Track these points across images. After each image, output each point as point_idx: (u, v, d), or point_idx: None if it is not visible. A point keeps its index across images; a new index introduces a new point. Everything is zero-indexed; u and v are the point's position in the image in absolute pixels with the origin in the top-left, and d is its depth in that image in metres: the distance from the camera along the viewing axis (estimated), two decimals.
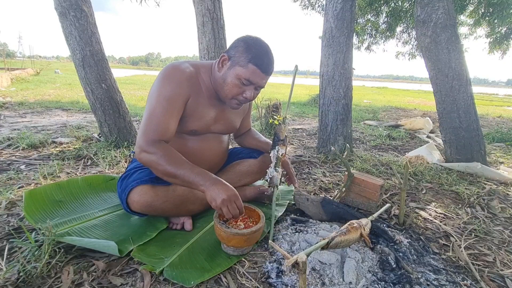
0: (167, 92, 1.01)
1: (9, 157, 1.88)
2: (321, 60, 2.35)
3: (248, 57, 1.02)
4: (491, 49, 6.44)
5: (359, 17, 7.31)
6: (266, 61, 1.03)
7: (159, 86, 1.03)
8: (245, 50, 1.02)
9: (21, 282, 0.83)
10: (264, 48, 1.04)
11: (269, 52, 1.05)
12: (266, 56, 1.03)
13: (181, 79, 1.04)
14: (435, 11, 2.10)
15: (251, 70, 1.02)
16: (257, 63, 1.02)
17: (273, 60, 1.07)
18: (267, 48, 1.05)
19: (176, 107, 1.03)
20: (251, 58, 1.01)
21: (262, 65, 1.03)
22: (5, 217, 1.18)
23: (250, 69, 1.02)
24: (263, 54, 1.03)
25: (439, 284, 0.94)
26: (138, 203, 1.04)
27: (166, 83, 1.03)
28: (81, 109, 4.01)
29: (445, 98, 2.20)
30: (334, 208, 1.28)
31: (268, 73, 1.06)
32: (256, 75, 1.03)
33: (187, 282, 0.86)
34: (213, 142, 1.23)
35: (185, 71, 1.05)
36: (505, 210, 1.56)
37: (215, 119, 1.18)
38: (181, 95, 1.04)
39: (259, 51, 1.03)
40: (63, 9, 1.96)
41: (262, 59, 1.02)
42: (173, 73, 1.04)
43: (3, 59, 9.22)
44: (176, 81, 1.03)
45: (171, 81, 1.03)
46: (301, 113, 5.28)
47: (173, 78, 1.03)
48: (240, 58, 1.03)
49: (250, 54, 1.02)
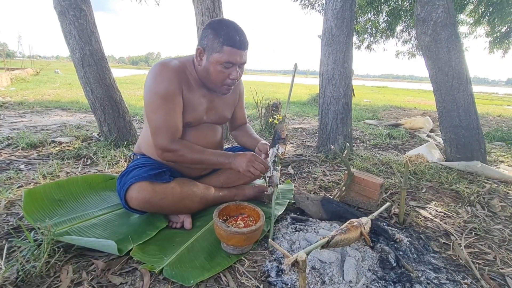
0: (162, 91, 1.05)
1: (8, 157, 1.88)
2: (321, 59, 2.34)
3: (220, 40, 1.04)
4: (492, 48, 6.43)
5: (359, 16, 7.30)
6: (238, 38, 1.05)
7: (153, 87, 1.06)
8: (215, 36, 1.04)
9: (20, 281, 0.83)
10: (231, 26, 1.06)
11: (237, 28, 1.06)
12: (236, 32, 1.05)
13: (171, 74, 1.07)
14: (435, 10, 2.10)
15: (228, 52, 1.04)
16: (231, 43, 1.04)
17: (244, 33, 1.08)
18: (234, 25, 1.07)
19: (175, 102, 1.08)
20: (223, 40, 1.03)
21: (236, 43, 1.04)
22: (4, 216, 1.18)
23: (226, 51, 1.04)
24: (232, 32, 1.04)
25: (439, 282, 0.94)
26: (137, 199, 1.04)
27: (159, 82, 1.06)
28: (81, 109, 4.01)
29: (445, 97, 2.19)
30: (334, 207, 1.28)
31: (245, 47, 1.08)
32: (233, 54, 1.05)
33: (186, 281, 0.86)
34: (207, 132, 1.26)
35: (172, 67, 1.09)
36: (505, 209, 1.56)
37: (207, 109, 1.21)
38: (175, 90, 1.08)
39: (227, 31, 1.04)
40: (62, 8, 1.95)
41: (233, 37, 1.04)
42: (162, 71, 1.07)
43: (3, 59, 9.22)
44: (167, 78, 1.06)
45: (163, 79, 1.06)
46: (301, 112, 5.27)
47: (163, 75, 1.06)
48: (213, 45, 1.05)
49: (221, 37, 1.04)
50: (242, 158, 1.13)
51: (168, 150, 1.08)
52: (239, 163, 1.12)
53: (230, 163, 1.13)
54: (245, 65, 1.15)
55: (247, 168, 1.11)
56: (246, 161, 1.12)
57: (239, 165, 1.12)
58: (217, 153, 1.16)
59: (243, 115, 1.46)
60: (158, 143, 1.08)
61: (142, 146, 1.26)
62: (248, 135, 1.41)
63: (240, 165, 1.12)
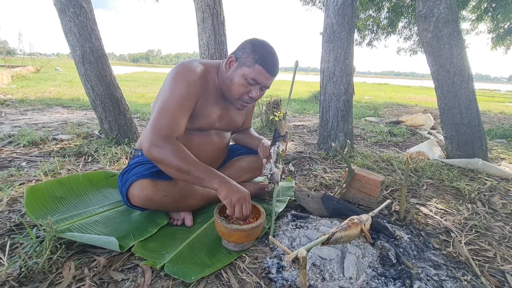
0: (180, 91, 1.04)
1: (10, 154, 1.89)
2: (322, 56, 2.33)
3: (254, 58, 1.06)
4: (494, 45, 6.38)
5: (361, 13, 7.26)
6: (271, 62, 1.08)
7: (171, 85, 1.05)
8: (252, 52, 1.07)
9: (23, 277, 0.83)
10: (270, 50, 1.09)
11: (274, 54, 1.10)
12: (271, 57, 1.08)
13: (193, 79, 1.06)
14: (437, 6, 2.08)
15: (257, 70, 1.06)
16: (263, 64, 1.06)
17: (278, 62, 1.12)
18: (272, 51, 1.10)
19: (187, 106, 1.06)
20: (257, 59, 1.06)
21: (268, 66, 1.07)
22: (6, 213, 1.18)
23: (256, 69, 1.06)
24: (269, 55, 1.08)
25: (439, 279, 0.94)
26: (138, 197, 1.05)
27: (179, 82, 1.05)
28: (82, 106, 4.01)
29: (446, 93, 2.18)
30: (335, 204, 1.28)
31: (273, 74, 1.11)
32: (261, 75, 1.07)
33: (187, 277, 0.86)
34: (215, 138, 1.26)
35: (197, 71, 1.08)
36: (506, 206, 1.56)
37: (220, 117, 1.21)
38: (192, 95, 1.07)
39: (265, 52, 1.07)
40: (62, 5, 1.95)
41: (267, 60, 1.07)
42: (185, 73, 1.06)
43: (4, 57, 9.21)
44: (188, 81, 1.05)
45: (183, 81, 1.05)
46: (302, 109, 5.26)
47: (186, 77, 1.06)
48: (247, 59, 1.07)
49: (257, 55, 1.06)
50: (236, 190, 0.98)
51: (156, 145, 0.96)
52: (231, 192, 0.97)
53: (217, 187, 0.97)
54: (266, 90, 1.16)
55: (236, 202, 0.97)
56: (238, 196, 0.97)
57: (230, 194, 0.96)
58: (209, 169, 1.00)
59: (250, 122, 1.49)
60: (150, 134, 0.98)
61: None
62: (250, 135, 1.43)
63: (230, 195, 0.96)
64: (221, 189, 0.97)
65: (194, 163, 0.98)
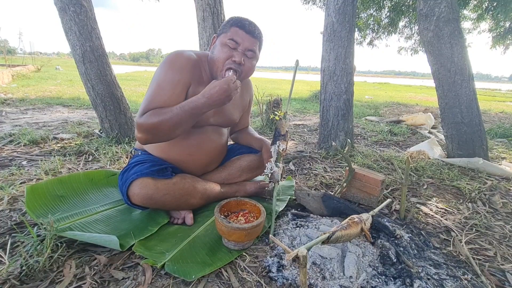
0: (168, 77, 1.03)
1: (11, 153, 1.89)
2: (322, 55, 2.33)
3: (229, 23, 1.10)
4: (494, 44, 6.37)
5: (361, 12, 7.24)
6: (247, 23, 1.09)
7: (160, 71, 1.05)
8: (227, 21, 1.11)
9: (24, 276, 0.84)
10: (245, 18, 1.11)
11: (251, 20, 1.10)
12: (247, 20, 1.10)
13: (184, 65, 1.06)
14: (437, 5, 2.08)
15: (234, 31, 1.08)
16: (239, 25, 1.08)
17: (257, 25, 1.11)
18: (249, 18, 1.11)
19: (175, 91, 1.03)
20: (232, 23, 1.09)
21: (244, 26, 1.08)
22: (7, 212, 1.19)
23: (232, 31, 1.08)
24: (244, 19, 1.10)
25: (439, 278, 0.94)
26: (139, 195, 1.05)
27: (168, 68, 1.05)
28: (82, 105, 4.01)
29: (447, 93, 2.18)
30: (335, 203, 1.28)
31: (252, 33, 1.09)
32: (239, 34, 1.07)
33: (188, 276, 0.86)
34: (213, 135, 1.25)
35: (188, 58, 1.08)
36: (506, 205, 1.56)
37: (214, 111, 1.18)
38: (181, 81, 1.05)
39: (239, 17, 1.10)
40: (63, 4, 1.95)
41: (243, 21, 1.09)
42: (176, 59, 1.06)
43: (4, 56, 9.21)
44: (178, 67, 1.05)
45: (173, 67, 1.05)
46: (302, 109, 5.26)
47: (176, 64, 1.05)
48: (224, 28, 1.11)
49: (231, 20, 1.10)
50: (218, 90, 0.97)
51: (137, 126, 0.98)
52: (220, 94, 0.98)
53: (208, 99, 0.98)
54: (254, 60, 1.14)
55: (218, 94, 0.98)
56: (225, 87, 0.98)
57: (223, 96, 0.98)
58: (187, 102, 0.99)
59: (247, 120, 1.47)
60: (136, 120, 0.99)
61: None
62: (251, 136, 1.42)
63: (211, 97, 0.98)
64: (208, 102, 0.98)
65: (171, 110, 0.97)
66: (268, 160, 1.23)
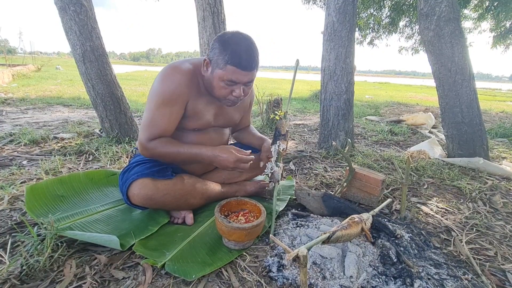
0: (166, 94, 1.04)
1: (11, 153, 1.89)
2: (323, 54, 2.33)
3: (224, 58, 0.98)
4: (494, 43, 6.36)
5: (362, 11, 7.23)
6: (245, 58, 0.98)
7: (158, 87, 1.05)
8: (221, 51, 0.99)
9: (24, 275, 0.84)
10: (241, 44, 0.99)
11: (248, 47, 1.00)
12: (244, 52, 0.98)
13: (180, 80, 1.05)
14: (438, 4, 2.07)
15: (231, 71, 0.99)
16: (235, 63, 0.98)
17: (254, 53, 1.01)
18: (245, 43, 1.00)
19: (175, 108, 1.06)
20: (228, 59, 0.98)
21: (241, 64, 0.98)
22: (7, 211, 1.19)
23: (229, 70, 0.99)
24: (240, 51, 0.98)
25: (440, 278, 0.94)
26: (139, 196, 1.05)
27: (165, 84, 1.04)
28: (82, 105, 4.01)
29: (447, 92, 2.18)
30: (335, 203, 1.28)
31: (249, 69, 1.01)
32: (237, 74, 1.00)
33: (188, 275, 0.86)
34: (213, 135, 1.25)
35: (184, 72, 1.06)
36: (507, 205, 1.56)
37: (215, 115, 1.19)
38: (180, 97, 1.05)
39: (235, 49, 0.98)
40: (63, 4, 1.94)
41: (239, 57, 0.98)
42: (172, 74, 1.05)
43: (4, 56, 9.20)
44: (175, 82, 1.04)
45: (170, 83, 1.04)
46: (303, 108, 5.25)
47: (172, 79, 1.04)
48: (218, 60, 1.00)
49: (226, 54, 0.98)
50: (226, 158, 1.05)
51: (146, 148, 1.05)
52: (224, 163, 1.06)
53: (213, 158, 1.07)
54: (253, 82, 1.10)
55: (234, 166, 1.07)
56: (232, 161, 1.05)
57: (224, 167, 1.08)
58: (197, 146, 1.09)
59: (249, 120, 1.47)
60: (141, 137, 1.06)
61: None
62: (252, 135, 1.41)
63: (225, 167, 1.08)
64: (215, 163, 1.08)
65: (181, 146, 1.07)
66: (266, 160, 1.23)
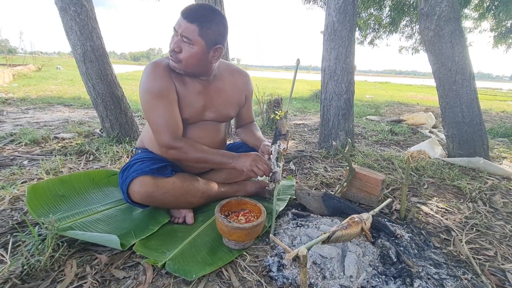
0: (156, 90, 1.05)
1: (12, 153, 1.89)
2: (323, 54, 2.33)
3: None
4: (496, 43, 6.35)
5: (362, 11, 7.23)
6: (190, 7, 1.01)
7: (146, 86, 1.07)
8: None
9: (25, 275, 0.84)
10: (200, 3, 1.05)
11: (202, 5, 1.02)
12: (194, 5, 1.02)
13: (162, 72, 1.07)
14: (438, 4, 2.07)
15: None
16: (181, 11, 1.02)
17: (202, 9, 1.01)
18: (206, 4, 1.05)
19: (171, 99, 1.08)
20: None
21: (183, 11, 1.01)
22: (8, 211, 1.19)
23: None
24: (193, 4, 1.03)
25: (439, 278, 0.94)
26: (139, 193, 1.05)
27: (151, 80, 1.06)
28: (83, 105, 4.02)
29: (448, 92, 2.18)
30: (335, 202, 1.29)
31: (187, 18, 0.98)
32: (178, 21, 1.02)
33: (188, 275, 0.87)
34: (209, 131, 1.25)
35: (163, 65, 1.08)
36: (507, 205, 1.56)
37: (204, 106, 1.19)
38: (168, 87, 1.08)
39: (193, 4, 1.04)
40: (64, 4, 1.95)
41: (187, 7, 1.02)
42: (154, 70, 1.07)
43: (5, 55, 9.21)
44: (159, 76, 1.06)
45: (155, 78, 1.06)
46: (303, 108, 5.25)
47: (155, 73, 1.06)
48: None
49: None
50: (246, 158, 1.13)
51: (172, 147, 1.09)
52: (242, 163, 1.13)
53: (234, 164, 1.14)
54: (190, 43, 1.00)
55: (250, 167, 1.11)
56: (250, 160, 1.12)
57: (243, 165, 1.13)
58: (221, 152, 1.16)
59: (250, 115, 1.44)
60: (161, 141, 1.09)
61: (144, 140, 1.27)
62: (252, 134, 1.38)
63: (244, 165, 1.12)
64: (236, 165, 1.14)
65: (207, 151, 1.14)
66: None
